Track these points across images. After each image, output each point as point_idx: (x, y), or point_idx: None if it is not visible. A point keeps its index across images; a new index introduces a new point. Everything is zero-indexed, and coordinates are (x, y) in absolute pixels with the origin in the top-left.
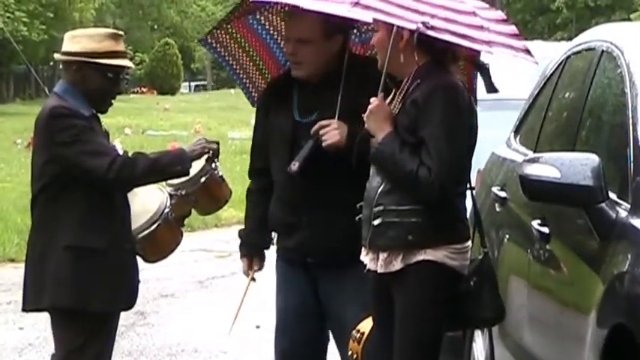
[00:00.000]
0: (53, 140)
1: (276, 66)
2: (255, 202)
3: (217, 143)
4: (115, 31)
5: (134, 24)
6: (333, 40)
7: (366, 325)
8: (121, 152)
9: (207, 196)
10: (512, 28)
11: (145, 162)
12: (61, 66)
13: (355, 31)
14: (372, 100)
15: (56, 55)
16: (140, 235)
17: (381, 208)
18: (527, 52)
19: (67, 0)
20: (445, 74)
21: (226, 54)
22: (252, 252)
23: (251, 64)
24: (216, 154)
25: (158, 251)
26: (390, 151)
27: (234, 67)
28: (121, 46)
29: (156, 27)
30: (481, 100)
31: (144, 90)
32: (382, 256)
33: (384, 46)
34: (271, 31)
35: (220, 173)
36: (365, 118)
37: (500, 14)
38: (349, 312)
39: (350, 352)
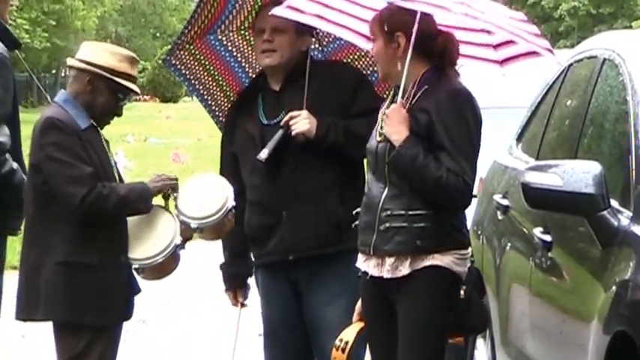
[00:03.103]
0: (41, 150)
1: (239, 85)
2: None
3: (176, 180)
4: (134, 55)
5: (136, 32)
6: (302, 38)
7: (350, 334)
8: (125, 163)
9: (215, 229)
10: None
11: (115, 198)
12: (64, 73)
13: (317, 45)
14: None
15: (73, 61)
16: (147, 267)
17: (387, 212)
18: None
19: (69, 8)
20: (452, 80)
21: (191, 76)
22: (234, 284)
23: (214, 84)
24: (175, 190)
25: (156, 275)
26: (411, 155)
27: (198, 87)
28: (135, 72)
29: (158, 35)
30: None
31: (146, 98)
32: (389, 261)
33: (381, 55)
34: (233, 52)
35: (233, 211)
36: (382, 122)
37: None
38: (329, 314)
39: None
